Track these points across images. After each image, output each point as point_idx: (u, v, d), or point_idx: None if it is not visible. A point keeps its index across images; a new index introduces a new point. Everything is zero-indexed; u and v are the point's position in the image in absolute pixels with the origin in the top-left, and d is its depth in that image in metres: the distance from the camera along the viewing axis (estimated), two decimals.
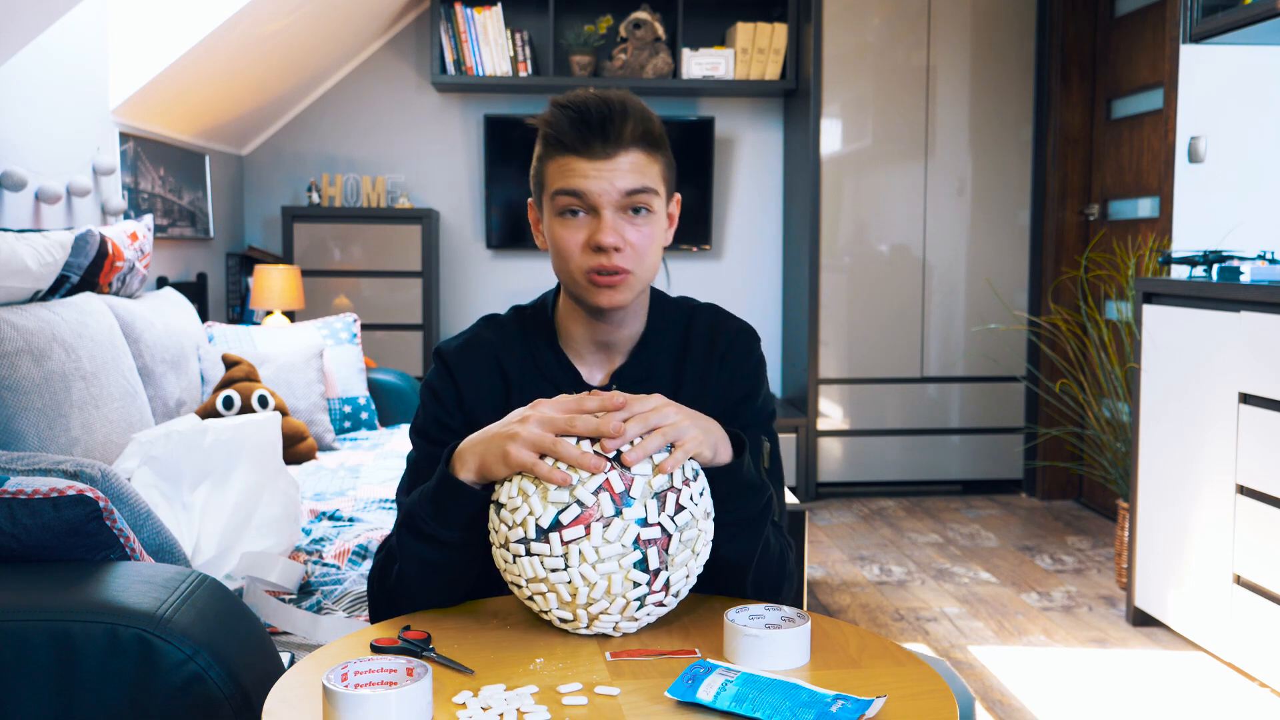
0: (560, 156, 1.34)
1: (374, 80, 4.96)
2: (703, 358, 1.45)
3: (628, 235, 1.34)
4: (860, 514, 4.48)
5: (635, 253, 1.35)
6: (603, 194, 1.32)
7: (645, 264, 1.36)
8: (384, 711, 0.98)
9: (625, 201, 1.33)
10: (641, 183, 1.33)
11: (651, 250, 1.37)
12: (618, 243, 1.33)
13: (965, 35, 4.65)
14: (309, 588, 1.99)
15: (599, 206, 1.33)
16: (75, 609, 1.31)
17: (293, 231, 4.61)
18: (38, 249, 2.36)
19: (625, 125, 1.32)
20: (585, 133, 1.32)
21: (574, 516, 1.14)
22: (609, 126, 1.32)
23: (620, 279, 1.34)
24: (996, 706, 2.61)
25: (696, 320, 1.48)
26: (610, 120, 1.32)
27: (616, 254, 1.33)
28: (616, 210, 1.34)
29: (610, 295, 1.35)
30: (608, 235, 1.32)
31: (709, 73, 4.69)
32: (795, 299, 4.89)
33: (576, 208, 1.34)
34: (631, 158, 1.33)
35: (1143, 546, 3.12)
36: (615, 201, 1.33)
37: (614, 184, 1.32)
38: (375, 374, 3.85)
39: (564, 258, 1.36)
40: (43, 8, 2.63)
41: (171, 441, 2.03)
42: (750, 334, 1.49)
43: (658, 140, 1.36)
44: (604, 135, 1.32)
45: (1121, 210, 4.35)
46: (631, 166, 1.33)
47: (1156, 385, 3.07)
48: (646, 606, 1.18)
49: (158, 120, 3.84)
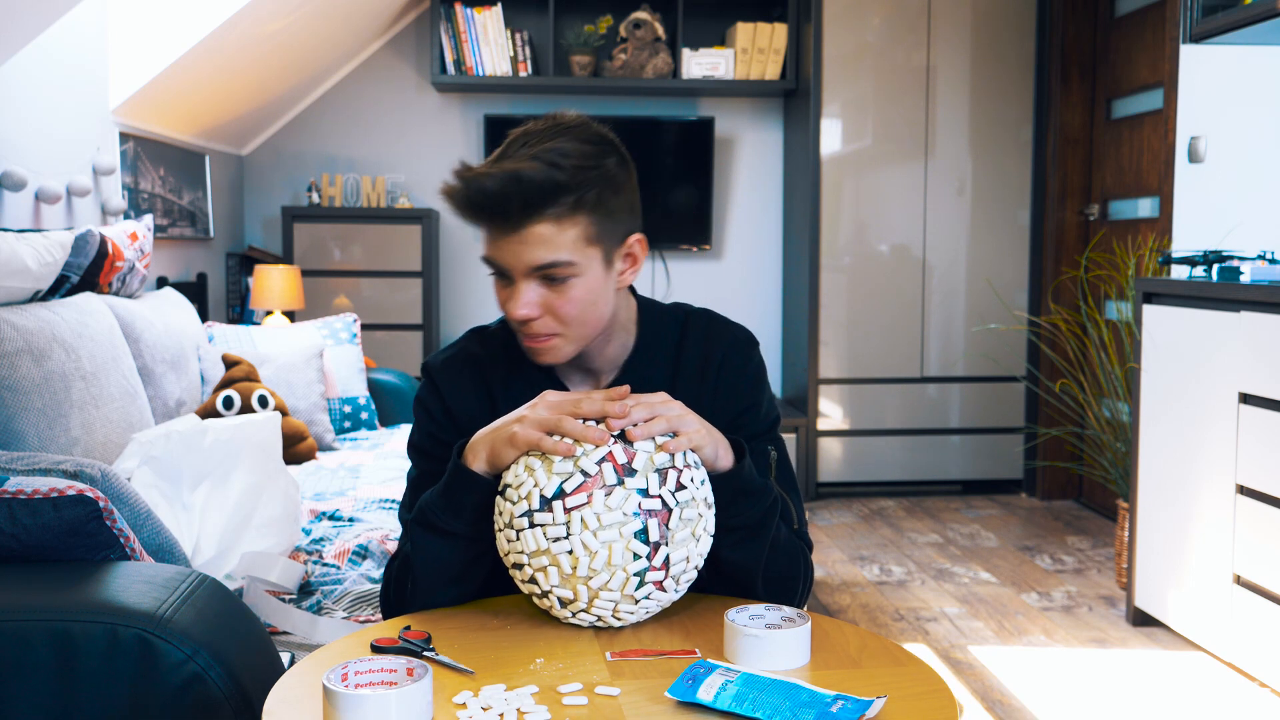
0: None
1: (374, 80, 4.96)
2: (698, 368, 1.43)
3: (548, 300, 1.31)
4: (860, 514, 4.48)
5: (557, 317, 1.31)
6: (513, 267, 1.29)
7: (573, 325, 1.32)
8: (384, 711, 0.98)
9: (537, 275, 1.30)
10: (550, 257, 1.28)
11: (582, 309, 1.32)
12: (529, 314, 1.30)
13: (965, 35, 4.65)
14: (309, 588, 2.00)
15: (514, 276, 1.30)
16: (75, 609, 1.31)
17: (293, 231, 4.61)
18: (38, 249, 2.36)
19: (520, 204, 1.26)
20: (479, 215, 1.28)
21: (577, 485, 1.17)
22: (501, 207, 1.26)
23: (546, 343, 1.33)
24: (996, 706, 2.61)
25: (690, 329, 1.46)
26: (505, 201, 1.26)
27: (534, 322, 1.31)
28: (532, 279, 1.30)
29: (543, 355, 1.35)
30: (518, 308, 1.30)
31: (709, 73, 4.69)
32: (795, 299, 4.89)
33: (500, 271, 1.32)
34: (538, 230, 1.27)
35: (1143, 546, 3.12)
36: (526, 273, 1.29)
37: (520, 258, 1.28)
38: (375, 374, 3.85)
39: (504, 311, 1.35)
40: (43, 8, 2.63)
41: (171, 441, 2.03)
42: (747, 342, 1.47)
43: (576, 204, 1.28)
44: (502, 215, 1.27)
45: (1121, 210, 4.36)
46: (538, 240, 1.27)
47: (1156, 385, 3.07)
48: (646, 586, 1.18)
49: (158, 120, 3.84)
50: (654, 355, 1.43)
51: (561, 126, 1.32)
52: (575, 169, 1.28)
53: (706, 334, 1.46)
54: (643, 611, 1.22)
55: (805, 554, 1.43)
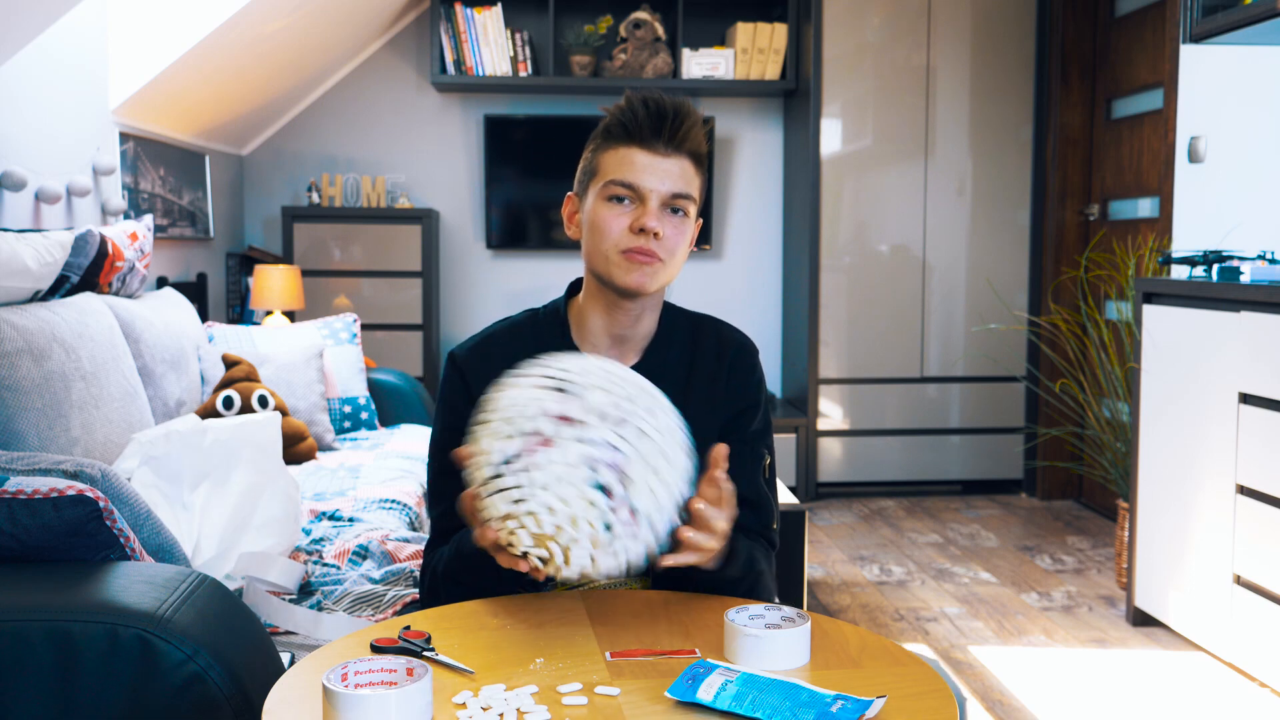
0: (621, 146, 1.44)
1: (374, 80, 4.96)
2: (712, 362, 1.54)
3: (665, 228, 1.44)
4: (860, 514, 4.48)
5: (668, 246, 1.44)
6: (653, 190, 1.43)
7: (673, 260, 1.46)
8: (384, 711, 0.98)
9: (669, 201, 1.44)
10: (686, 189, 1.45)
11: (680, 249, 1.47)
12: (659, 228, 1.42)
13: (965, 35, 4.65)
14: (309, 588, 2.00)
15: (646, 199, 1.43)
16: (75, 609, 1.31)
17: (293, 231, 4.61)
18: (38, 249, 2.36)
19: (690, 130, 1.44)
20: (658, 124, 1.42)
21: (525, 444, 1.17)
22: (678, 126, 1.43)
23: (652, 262, 1.44)
24: (996, 706, 2.61)
25: (704, 328, 1.57)
26: (680, 121, 1.43)
27: (655, 240, 1.43)
28: (660, 206, 1.44)
29: (640, 275, 1.44)
30: (651, 220, 1.42)
31: (709, 73, 4.69)
32: (795, 299, 4.89)
33: (625, 196, 1.44)
34: (683, 164, 1.45)
35: (1143, 546, 3.12)
36: (662, 198, 1.43)
37: (664, 183, 1.43)
38: (375, 374, 3.85)
39: (603, 235, 1.44)
40: (43, 8, 2.63)
41: (171, 441, 2.03)
42: (753, 350, 1.59)
43: (704, 159, 1.49)
44: (672, 132, 1.43)
45: (1121, 210, 4.36)
46: (681, 172, 1.45)
47: (1156, 385, 3.07)
48: (619, 536, 1.17)
49: (158, 120, 3.84)
50: (672, 342, 1.54)
51: None
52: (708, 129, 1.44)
53: (719, 336, 1.57)
54: (624, 563, 1.19)
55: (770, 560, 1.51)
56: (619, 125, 1.45)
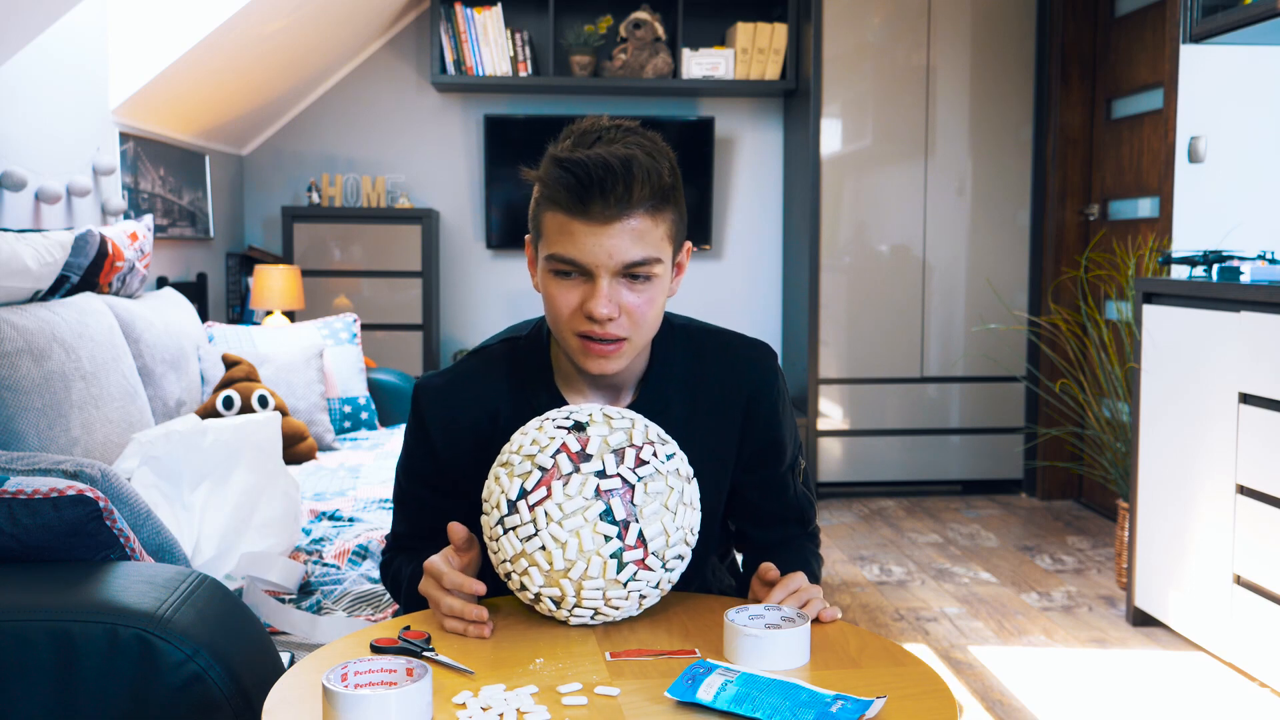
0: (559, 213, 1.23)
1: (374, 80, 4.95)
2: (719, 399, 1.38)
3: (625, 300, 1.25)
4: (860, 514, 4.48)
5: (632, 319, 1.26)
6: (599, 265, 1.22)
7: (642, 328, 1.28)
8: (384, 711, 0.98)
9: (625, 271, 1.24)
10: (643, 254, 1.23)
11: (651, 313, 1.27)
12: (612, 313, 1.23)
13: (965, 35, 4.65)
14: (309, 588, 2.00)
15: (595, 275, 1.23)
16: (75, 609, 1.31)
17: (293, 231, 4.61)
18: (38, 249, 2.36)
19: (629, 189, 1.21)
20: (584, 197, 1.20)
21: (536, 481, 1.17)
22: (609, 192, 1.20)
23: (613, 348, 1.26)
24: (996, 706, 2.61)
25: (706, 353, 1.40)
26: (611, 184, 1.20)
27: (610, 323, 1.24)
28: (614, 277, 1.24)
29: (601, 364, 1.27)
30: (601, 306, 1.22)
31: (709, 73, 4.69)
32: (795, 299, 4.89)
33: (571, 271, 1.24)
34: (634, 223, 1.22)
35: (1143, 546, 3.12)
36: (613, 271, 1.23)
37: (612, 256, 1.22)
38: (375, 374, 3.85)
39: (555, 316, 1.27)
40: (43, 8, 2.62)
41: (171, 441, 2.03)
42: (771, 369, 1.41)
43: (666, 194, 1.25)
44: (604, 200, 1.20)
45: (1121, 210, 4.35)
46: (633, 235, 1.22)
47: (1156, 385, 3.07)
48: (628, 568, 1.18)
49: (157, 120, 3.84)
50: (669, 374, 1.38)
51: (625, 128, 1.26)
52: (670, 164, 1.25)
53: (727, 361, 1.39)
54: (637, 597, 1.20)
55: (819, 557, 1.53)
56: (555, 187, 1.22)
